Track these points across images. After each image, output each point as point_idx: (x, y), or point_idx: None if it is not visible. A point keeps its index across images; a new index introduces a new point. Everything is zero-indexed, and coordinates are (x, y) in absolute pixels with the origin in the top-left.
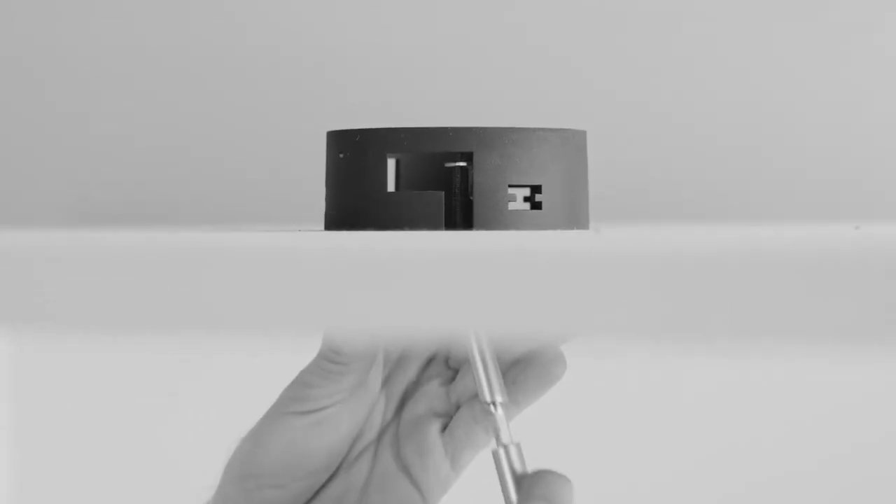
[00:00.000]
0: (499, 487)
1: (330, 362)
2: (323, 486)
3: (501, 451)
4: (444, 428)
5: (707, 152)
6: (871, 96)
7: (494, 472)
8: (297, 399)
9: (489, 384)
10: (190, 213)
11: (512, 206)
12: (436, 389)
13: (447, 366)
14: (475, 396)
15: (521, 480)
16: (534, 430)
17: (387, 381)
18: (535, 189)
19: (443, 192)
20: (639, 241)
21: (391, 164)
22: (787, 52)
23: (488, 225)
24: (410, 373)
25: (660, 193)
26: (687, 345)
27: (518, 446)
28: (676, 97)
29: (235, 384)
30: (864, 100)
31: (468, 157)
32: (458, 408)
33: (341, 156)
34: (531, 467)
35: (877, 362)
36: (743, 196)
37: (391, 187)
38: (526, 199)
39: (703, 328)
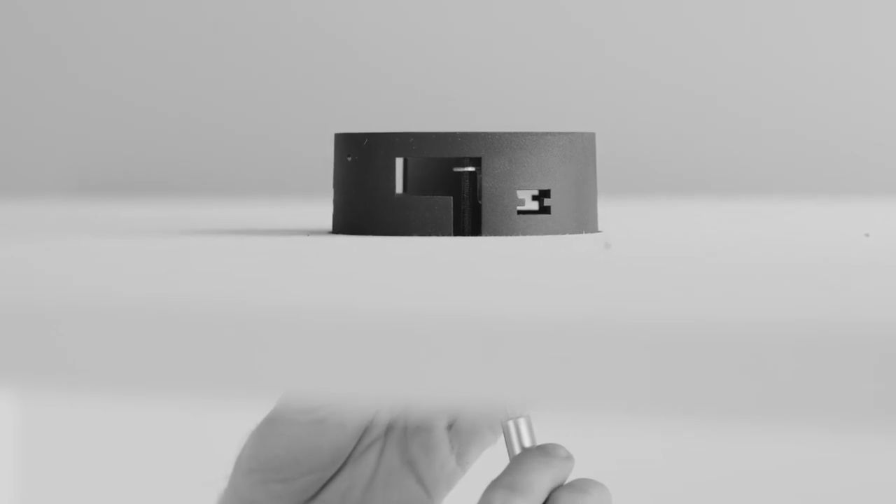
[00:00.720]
0: None
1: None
2: (330, 480)
3: (511, 425)
4: (451, 425)
5: (716, 151)
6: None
7: (499, 469)
8: (300, 397)
9: None
10: (196, 216)
11: (520, 210)
12: None
13: None
14: None
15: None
16: None
17: None
18: (544, 193)
19: (451, 198)
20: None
21: (398, 163)
22: (793, 54)
23: (497, 230)
24: None
25: (669, 183)
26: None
27: (528, 419)
28: (686, 97)
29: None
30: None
31: (476, 161)
32: None
33: (349, 158)
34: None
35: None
36: (751, 191)
37: (399, 188)
38: (535, 199)
39: (706, 402)
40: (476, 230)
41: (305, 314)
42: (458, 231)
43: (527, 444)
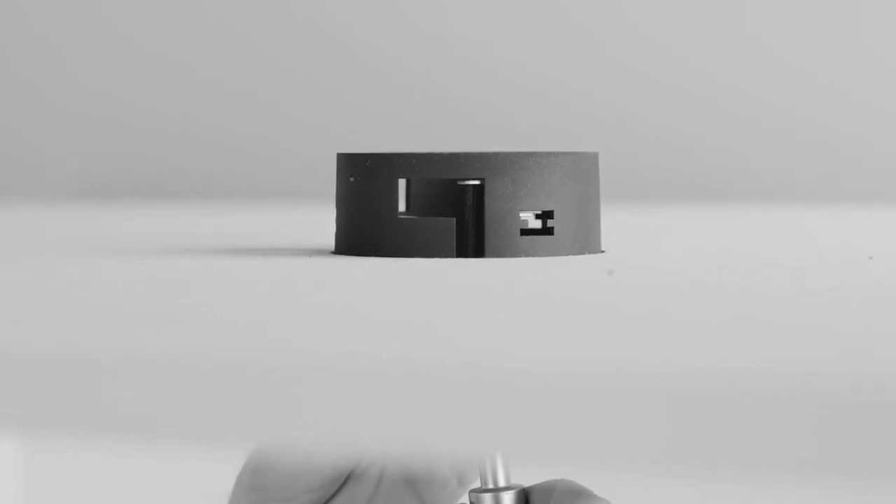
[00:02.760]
0: None
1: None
2: (331, 498)
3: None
4: None
5: (717, 158)
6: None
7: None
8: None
9: None
10: (197, 229)
11: (524, 231)
12: None
13: None
14: None
15: None
16: None
17: None
18: (547, 214)
19: (454, 219)
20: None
21: (401, 184)
22: (797, 61)
23: (500, 251)
24: None
25: (670, 190)
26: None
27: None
28: (687, 104)
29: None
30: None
31: (479, 182)
32: None
33: (352, 179)
34: None
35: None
36: (752, 198)
37: (401, 205)
38: (538, 218)
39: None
40: (479, 251)
41: (302, 360)
42: (461, 252)
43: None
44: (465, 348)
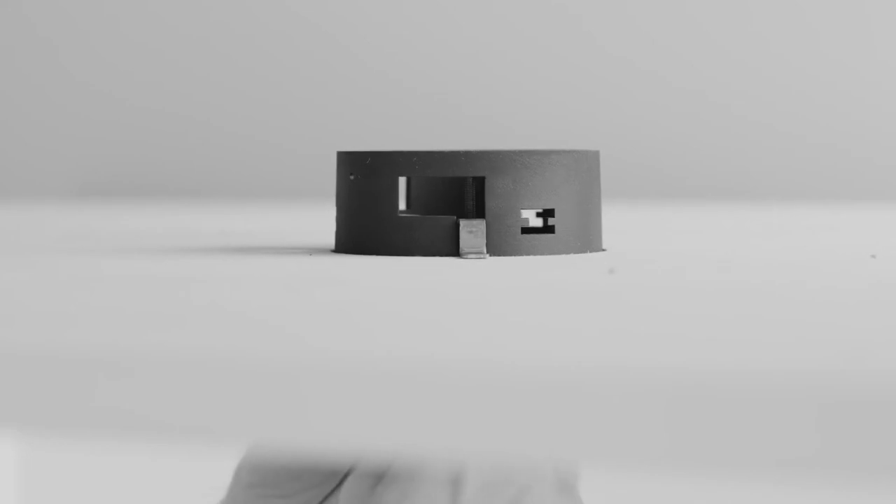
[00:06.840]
0: None
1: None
2: (330, 494)
3: None
4: None
5: (718, 157)
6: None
7: None
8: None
9: None
10: (198, 227)
11: (524, 229)
12: None
13: None
14: None
15: None
16: None
17: None
18: (548, 212)
19: (455, 217)
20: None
21: (401, 182)
22: (801, 67)
23: (501, 250)
24: None
25: (668, 189)
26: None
27: None
28: (689, 112)
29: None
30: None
31: (480, 180)
32: None
33: (352, 177)
34: None
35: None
36: (751, 197)
37: (402, 203)
38: (538, 217)
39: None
40: None
41: (302, 359)
42: None
43: None
44: (466, 347)
